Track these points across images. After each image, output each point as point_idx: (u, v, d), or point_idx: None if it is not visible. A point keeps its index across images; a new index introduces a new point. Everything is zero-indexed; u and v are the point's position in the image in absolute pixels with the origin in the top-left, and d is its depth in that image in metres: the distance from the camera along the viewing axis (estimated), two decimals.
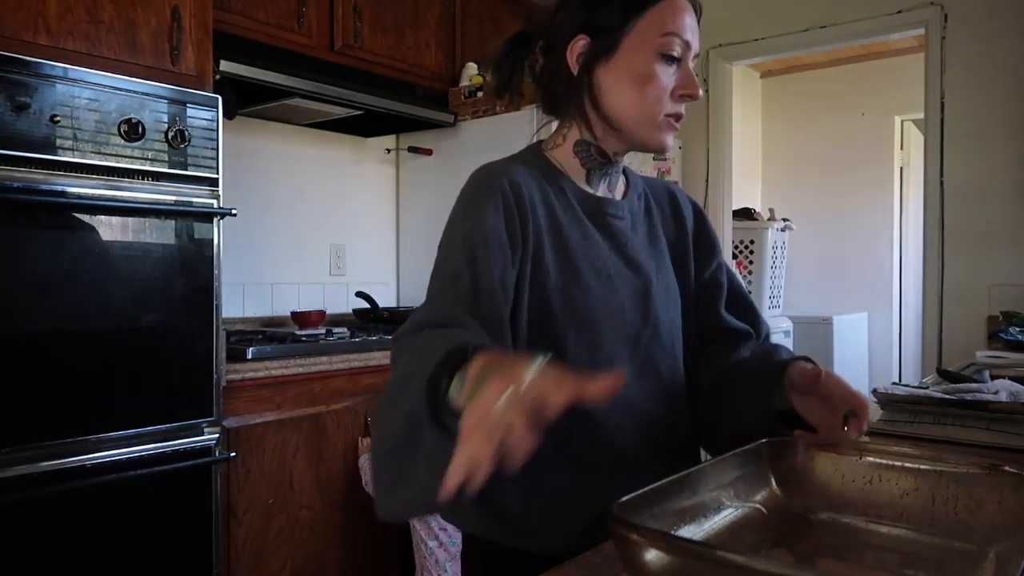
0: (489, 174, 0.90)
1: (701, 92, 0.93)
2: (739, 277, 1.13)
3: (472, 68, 2.86)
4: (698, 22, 0.93)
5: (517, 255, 0.86)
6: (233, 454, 1.85)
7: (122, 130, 1.66)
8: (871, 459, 0.74)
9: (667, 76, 0.90)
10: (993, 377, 1.45)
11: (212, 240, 1.81)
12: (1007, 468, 0.66)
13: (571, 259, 0.90)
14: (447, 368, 0.65)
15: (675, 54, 0.90)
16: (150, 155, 1.71)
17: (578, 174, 0.97)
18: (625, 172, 1.03)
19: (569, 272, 0.90)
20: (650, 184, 1.08)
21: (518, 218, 0.87)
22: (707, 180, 3.48)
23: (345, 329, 2.42)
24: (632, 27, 0.90)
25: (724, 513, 0.69)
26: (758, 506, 0.73)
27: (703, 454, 1.02)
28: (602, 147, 0.95)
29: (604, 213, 0.96)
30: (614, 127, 0.93)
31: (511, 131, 2.72)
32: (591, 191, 0.97)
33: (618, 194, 1.01)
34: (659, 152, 0.96)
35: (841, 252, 4.65)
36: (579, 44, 0.92)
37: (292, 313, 2.52)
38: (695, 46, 0.92)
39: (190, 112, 1.78)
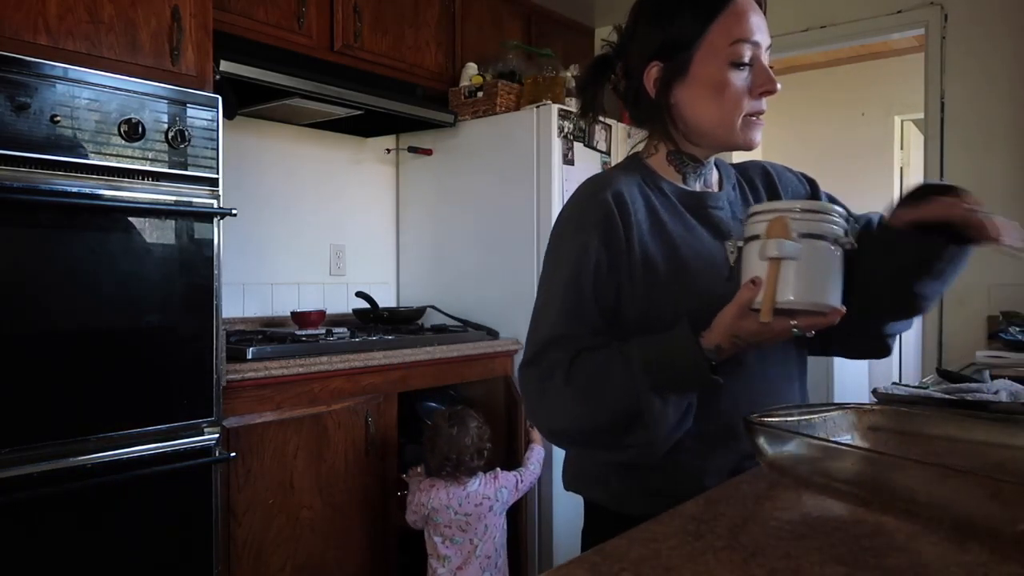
0: (594, 187, 1.00)
1: (779, 85, 0.96)
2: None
3: (472, 68, 2.86)
4: (764, 13, 0.96)
5: (623, 260, 0.96)
6: (233, 454, 1.85)
7: (122, 130, 1.66)
8: None
9: (741, 80, 0.95)
10: (993, 377, 1.44)
11: (212, 240, 1.81)
12: None
13: (677, 251, 0.98)
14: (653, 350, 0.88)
15: (745, 60, 0.95)
16: (150, 155, 1.71)
17: (675, 177, 1.04)
18: (717, 164, 1.08)
19: (676, 261, 0.97)
20: (742, 168, 1.12)
21: (622, 228, 0.96)
22: None
23: (345, 329, 2.42)
24: (700, 43, 0.95)
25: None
26: None
27: None
28: (692, 154, 1.03)
29: (704, 206, 1.03)
30: (697, 138, 1.00)
31: (511, 131, 2.72)
32: (689, 188, 1.04)
33: (714, 187, 1.06)
34: (747, 149, 1.00)
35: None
36: (653, 70, 0.98)
37: (292, 313, 2.52)
38: (765, 41, 0.96)
39: (190, 112, 1.78)
